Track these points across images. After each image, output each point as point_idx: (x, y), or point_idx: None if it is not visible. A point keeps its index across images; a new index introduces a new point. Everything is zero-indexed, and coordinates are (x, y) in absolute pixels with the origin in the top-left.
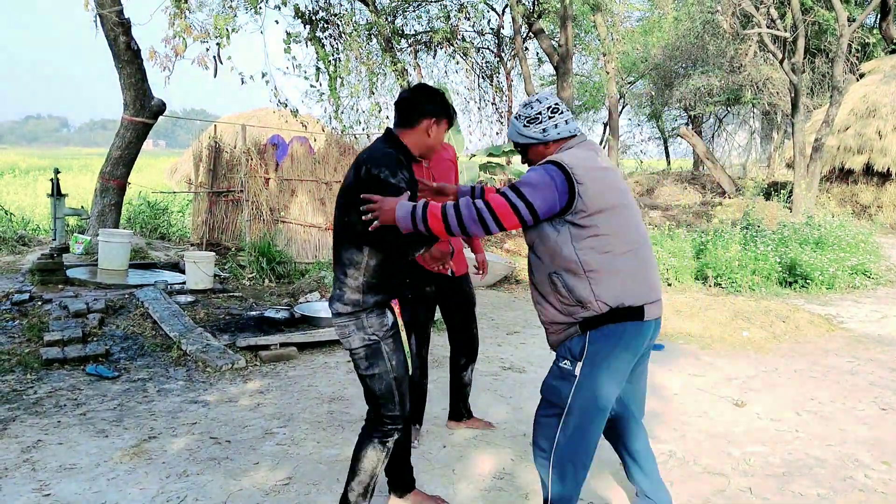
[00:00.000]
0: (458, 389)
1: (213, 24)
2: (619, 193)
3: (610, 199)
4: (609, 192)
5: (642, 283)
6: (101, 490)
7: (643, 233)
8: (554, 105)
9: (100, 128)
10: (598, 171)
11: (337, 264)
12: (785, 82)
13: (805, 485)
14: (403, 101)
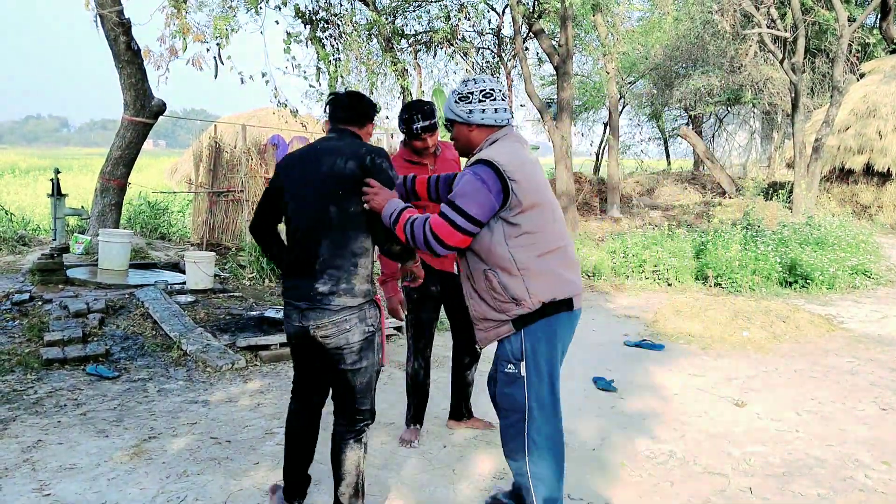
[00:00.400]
0: (460, 389)
1: (213, 24)
2: (544, 190)
3: (538, 196)
4: (538, 189)
5: (570, 277)
6: (101, 490)
7: (565, 227)
8: (489, 90)
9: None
10: (527, 165)
11: (341, 257)
12: (785, 82)
13: (805, 485)
14: (359, 103)
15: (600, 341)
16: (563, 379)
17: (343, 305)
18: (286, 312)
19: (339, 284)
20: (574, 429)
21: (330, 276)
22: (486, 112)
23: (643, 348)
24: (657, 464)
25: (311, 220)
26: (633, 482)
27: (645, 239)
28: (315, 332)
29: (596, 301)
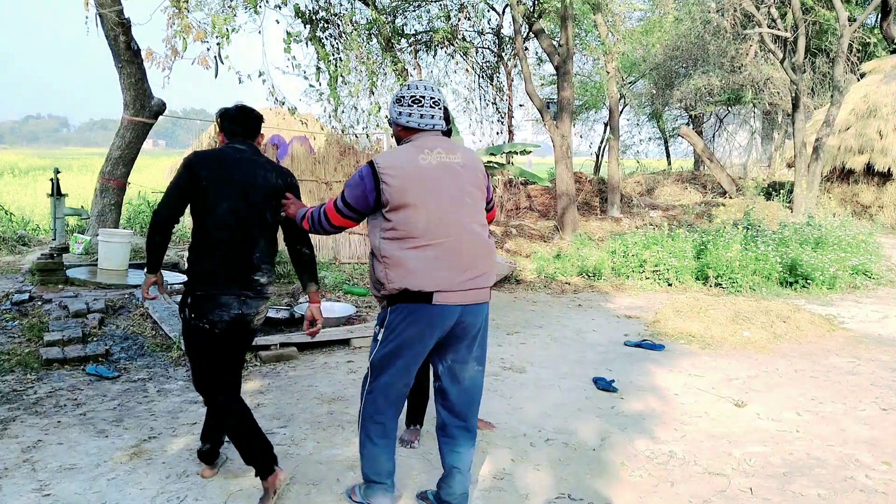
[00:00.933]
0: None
1: (212, 23)
2: (425, 194)
3: (412, 197)
4: (414, 191)
5: (432, 274)
6: (101, 490)
7: (450, 231)
8: (418, 96)
9: (100, 128)
10: (411, 169)
11: (268, 256)
12: (786, 82)
13: (805, 485)
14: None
15: (600, 341)
16: (562, 378)
17: (268, 294)
18: (217, 303)
19: (271, 277)
20: (574, 428)
21: (265, 270)
22: (412, 116)
23: (643, 348)
24: (657, 464)
25: (249, 221)
26: (633, 482)
27: (645, 239)
28: (253, 317)
29: (596, 301)
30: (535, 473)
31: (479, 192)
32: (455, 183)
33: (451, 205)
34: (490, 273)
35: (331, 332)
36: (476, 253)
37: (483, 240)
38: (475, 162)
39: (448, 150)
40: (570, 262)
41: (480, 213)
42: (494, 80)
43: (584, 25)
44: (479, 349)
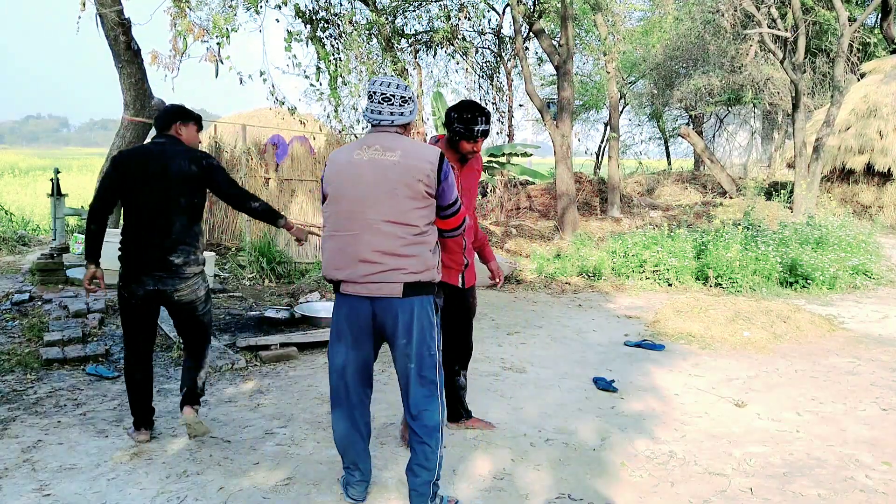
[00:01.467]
0: (453, 393)
1: (213, 23)
2: (346, 186)
3: (333, 189)
4: (336, 184)
5: (336, 264)
6: (101, 490)
7: (354, 225)
8: (371, 92)
9: (100, 128)
10: (342, 164)
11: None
12: (786, 82)
13: (806, 485)
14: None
15: (601, 341)
16: (562, 378)
17: (194, 272)
18: (135, 279)
19: (189, 256)
20: (574, 429)
21: (181, 250)
22: (366, 111)
23: (644, 348)
24: (657, 464)
25: (162, 207)
26: (633, 482)
27: (645, 239)
28: (172, 293)
29: (596, 301)
30: (535, 473)
31: (411, 190)
32: (378, 179)
33: (364, 200)
34: (399, 269)
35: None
36: (380, 248)
37: (392, 235)
38: (418, 161)
39: (387, 147)
40: (570, 262)
41: (406, 211)
42: (494, 80)
43: (585, 25)
44: (407, 346)
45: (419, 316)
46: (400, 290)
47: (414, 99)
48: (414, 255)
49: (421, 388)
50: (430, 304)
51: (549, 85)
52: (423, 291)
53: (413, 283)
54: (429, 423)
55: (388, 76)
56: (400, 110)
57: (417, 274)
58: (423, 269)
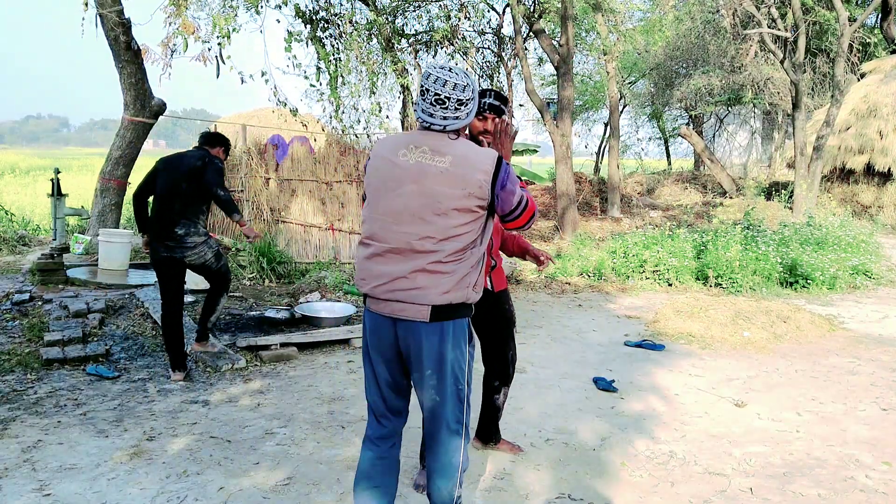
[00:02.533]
0: (489, 412)
1: (213, 23)
2: (383, 189)
3: (371, 191)
4: (374, 185)
5: (365, 275)
6: (101, 490)
7: (389, 236)
8: (424, 88)
9: (100, 128)
10: (382, 160)
11: (185, 214)
12: (786, 82)
13: (806, 485)
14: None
15: (601, 341)
16: (563, 378)
17: (195, 242)
18: (154, 247)
19: (190, 228)
20: (574, 429)
21: (182, 223)
22: (417, 108)
23: (644, 348)
24: (658, 464)
25: (168, 192)
26: (633, 482)
27: (645, 239)
28: (183, 259)
29: (597, 301)
30: (535, 473)
31: (458, 203)
32: (421, 189)
33: (402, 210)
34: (428, 288)
35: (331, 331)
36: (411, 265)
37: (427, 252)
38: (470, 171)
39: (436, 150)
40: (571, 262)
41: (449, 227)
42: (494, 80)
43: (585, 25)
44: (432, 377)
45: (449, 344)
46: (427, 314)
47: (473, 97)
48: (447, 272)
49: (443, 422)
50: (463, 331)
51: (549, 85)
52: (456, 315)
53: (443, 307)
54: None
55: (446, 68)
56: (455, 114)
57: (449, 294)
58: (453, 287)
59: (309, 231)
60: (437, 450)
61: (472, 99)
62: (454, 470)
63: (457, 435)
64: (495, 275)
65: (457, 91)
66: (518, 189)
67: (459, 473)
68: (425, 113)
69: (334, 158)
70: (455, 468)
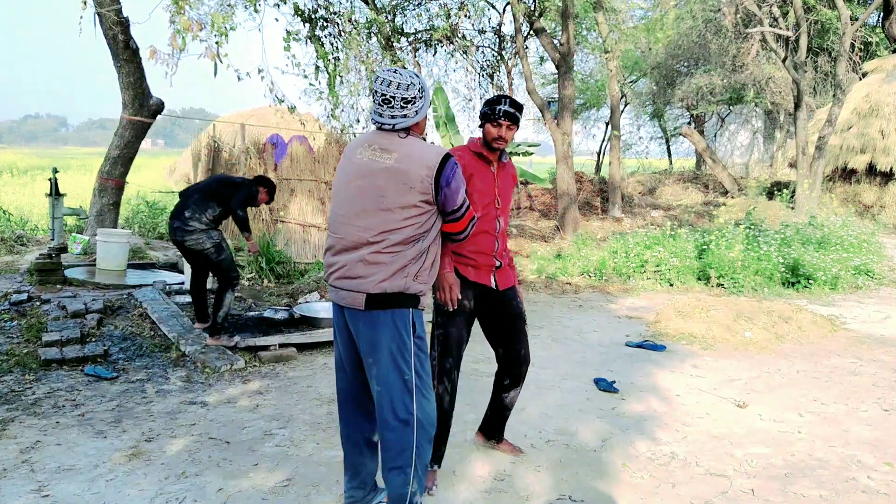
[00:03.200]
0: (496, 410)
1: (211, 21)
2: (339, 186)
3: (335, 186)
4: (336, 183)
5: (325, 264)
6: (99, 491)
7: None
8: (373, 90)
9: (98, 127)
10: (345, 159)
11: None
12: (787, 81)
13: (807, 486)
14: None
15: (602, 342)
16: (564, 379)
17: (195, 228)
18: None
19: (194, 214)
20: (575, 430)
21: (191, 208)
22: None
23: (645, 349)
24: (659, 465)
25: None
26: (634, 483)
27: (647, 239)
28: (183, 242)
29: (597, 301)
30: (535, 474)
31: (400, 197)
32: (367, 184)
33: (351, 203)
34: (364, 278)
35: (330, 332)
36: (356, 255)
37: (369, 243)
38: (413, 167)
39: (385, 148)
40: (571, 262)
41: (391, 220)
42: (495, 79)
43: (586, 24)
44: (373, 365)
45: (386, 333)
46: (362, 302)
47: (421, 96)
48: (384, 262)
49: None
50: (405, 321)
51: (549, 84)
52: (394, 304)
53: (378, 295)
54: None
55: (391, 70)
56: (402, 113)
57: (384, 283)
58: (390, 276)
59: (308, 231)
60: (387, 438)
61: (419, 97)
62: (406, 461)
63: (405, 425)
64: (499, 274)
65: (400, 90)
66: (461, 196)
67: (413, 467)
68: (376, 113)
69: (333, 158)
70: (407, 460)
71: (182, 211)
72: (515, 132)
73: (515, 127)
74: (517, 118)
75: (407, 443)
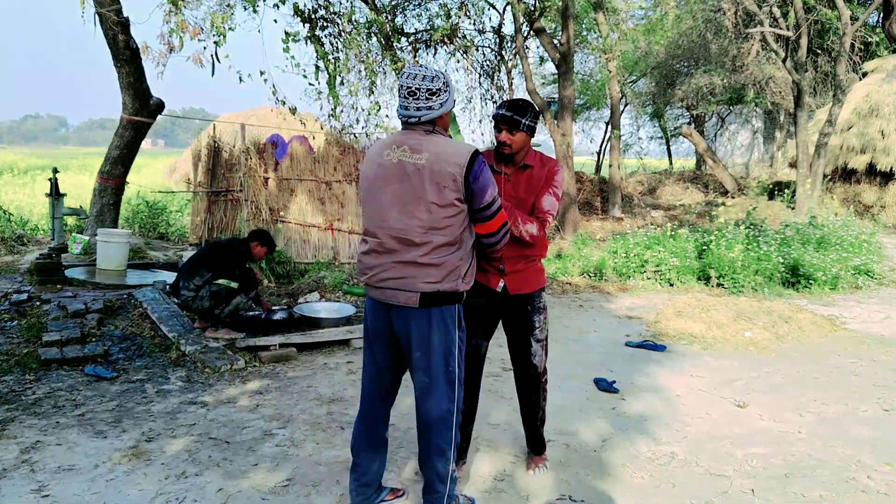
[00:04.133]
0: (523, 420)
1: (210, 22)
2: (372, 189)
3: (364, 192)
4: (365, 186)
5: (364, 267)
6: (99, 491)
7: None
8: (399, 86)
9: (98, 127)
10: (371, 163)
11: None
12: (788, 81)
13: (807, 486)
14: None
15: (602, 342)
16: (564, 379)
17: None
18: None
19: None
20: (575, 430)
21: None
22: (398, 108)
23: (645, 349)
24: (659, 465)
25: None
26: (634, 483)
27: (647, 239)
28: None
29: (597, 301)
30: (535, 475)
31: (438, 196)
32: (404, 184)
33: (390, 205)
34: (417, 278)
35: (330, 332)
36: (402, 256)
37: (415, 244)
38: (445, 164)
39: (415, 147)
40: (572, 262)
41: (434, 219)
42: (495, 79)
43: (586, 23)
44: (422, 359)
45: (438, 329)
46: (416, 300)
47: (445, 89)
48: (436, 263)
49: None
50: (453, 317)
51: (550, 84)
52: (444, 301)
53: (431, 294)
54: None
55: (418, 66)
56: (427, 104)
57: (436, 284)
58: (443, 278)
59: (308, 231)
60: (431, 428)
61: (444, 90)
62: (447, 446)
63: (448, 414)
64: (510, 279)
65: (426, 82)
66: (493, 189)
67: (452, 450)
68: (401, 107)
69: (334, 158)
70: (448, 444)
71: (177, 284)
72: (524, 136)
73: (518, 130)
74: (515, 121)
75: (448, 428)
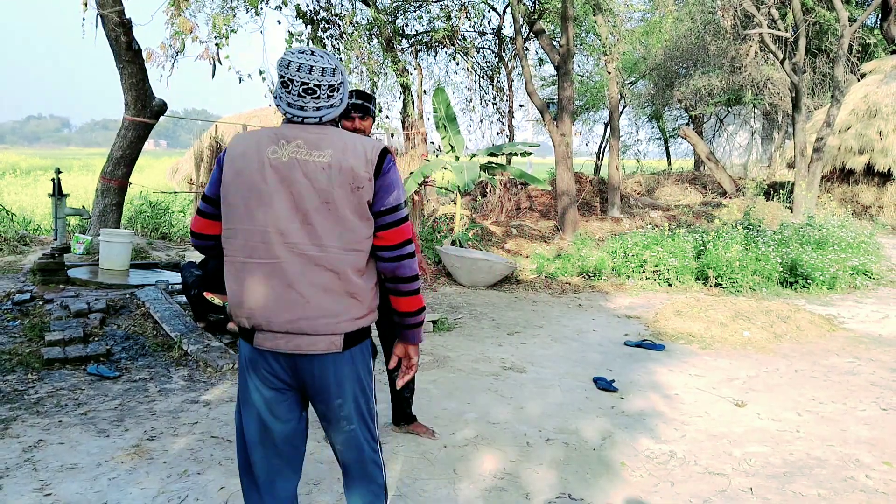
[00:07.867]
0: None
1: (213, 23)
2: (251, 194)
3: (232, 196)
4: (241, 191)
5: (248, 305)
6: (102, 490)
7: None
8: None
9: (101, 128)
10: (245, 160)
11: None
12: (786, 82)
13: (806, 485)
14: None
15: (601, 341)
16: (563, 378)
17: None
18: None
19: None
20: (575, 429)
21: None
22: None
23: (644, 348)
24: (658, 464)
25: None
26: (633, 482)
27: (646, 239)
28: None
29: (597, 301)
30: (535, 473)
31: (350, 201)
32: (305, 189)
33: (289, 217)
34: (337, 315)
35: None
36: (313, 285)
37: (328, 268)
38: (354, 160)
39: (313, 143)
40: (571, 262)
41: (348, 231)
42: (495, 81)
43: (585, 25)
44: (342, 406)
45: (356, 368)
46: (340, 343)
47: (344, 79)
48: (358, 292)
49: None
50: (370, 349)
51: (549, 85)
52: (363, 337)
53: (353, 333)
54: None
55: (306, 53)
56: (329, 103)
57: (360, 319)
58: (367, 311)
59: None
60: (361, 475)
61: (343, 82)
62: (380, 490)
63: (374, 453)
64: None
65: (326, 76)
66: (401, 191)
67: (385, 491)
68: (293, 106)
69: None
70: (381, 488)
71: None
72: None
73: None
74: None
75: (378, 468)
